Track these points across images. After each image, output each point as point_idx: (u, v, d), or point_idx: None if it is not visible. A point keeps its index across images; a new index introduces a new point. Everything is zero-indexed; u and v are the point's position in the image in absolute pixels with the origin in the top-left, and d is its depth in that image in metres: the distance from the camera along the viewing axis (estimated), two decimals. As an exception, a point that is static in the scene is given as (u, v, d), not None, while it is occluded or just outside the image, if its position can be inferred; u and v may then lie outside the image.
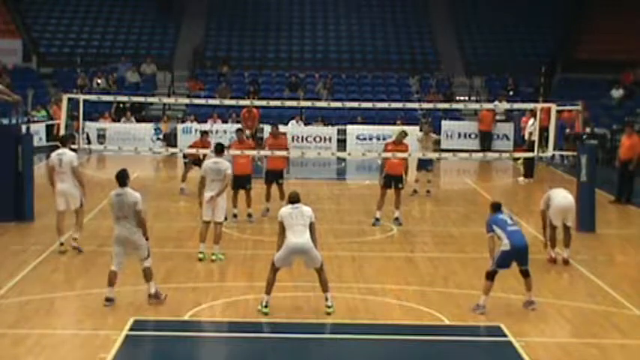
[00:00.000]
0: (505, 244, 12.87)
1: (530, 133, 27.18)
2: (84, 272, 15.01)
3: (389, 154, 19.43)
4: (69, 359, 10.99)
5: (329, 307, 12.76)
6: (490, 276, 12.92)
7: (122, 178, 13.24)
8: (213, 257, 15.93)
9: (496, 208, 13.47)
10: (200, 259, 15.83)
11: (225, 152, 17.51)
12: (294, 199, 12.94)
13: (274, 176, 20.25)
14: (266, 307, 12.62)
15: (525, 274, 13.10)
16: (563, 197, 15.76)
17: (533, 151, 24.09)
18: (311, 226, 12.74)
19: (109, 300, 12.85)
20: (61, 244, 16.39)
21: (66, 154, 16.60)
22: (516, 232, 13.15)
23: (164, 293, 13.04)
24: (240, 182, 19.27)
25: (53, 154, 16.76)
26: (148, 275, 12.92)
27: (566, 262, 15.63)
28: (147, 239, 13.04)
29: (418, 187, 23.80)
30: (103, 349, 11.13)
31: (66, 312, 12.76)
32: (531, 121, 27.43)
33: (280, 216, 12.80)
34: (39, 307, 12.91)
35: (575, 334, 12.33)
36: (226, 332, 12.46)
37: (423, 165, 23.61)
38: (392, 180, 19.40)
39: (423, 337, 12.22)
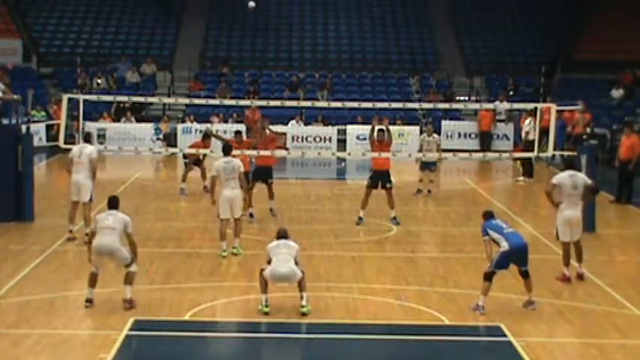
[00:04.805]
0: (504, 246, 12.86)
1: (527, 133, 27.39)
2: (84, 272, 14.96)
3: (375, 154, 19.51)
4: (69, 359, 11.00)
5: (303, 306, 12.64)
6: (488, 277, 12.92)
7: (113, 202, 13.26)
8: (234, 251, 16.16)
9: (488, 215, 13.45)
10: (224, 257, 15.95)
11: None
12: (282, 235, 12.96)
13: (263, 174, 19.83)
14: (267, 306, 12.62)
15: (525, 275, 13.09)
16: (570, 209, 14.90)
17: (530, 150, 24.19)
18: (295, 260, 12.69)
19: (89, 301, 12.87)
20: (70, 231, 17.19)
21: (87, 147, 17.49)
22: (514, 233, 13.16)
23: (136, 300, 12.89)
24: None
25: (75, 147, 17.66)
26: (129, 279, 12.80)
27: (580, 277, 15.00)
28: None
29: (422, 186, 23.87)
30: (103, 349, 11.13)
31: (66, 312, 12.74)
32: (527, 120, 27.62)
33: (267, 248, 12.88)
34: (39, 307, 12.91)
35: (575, 334, 12.33)
36: (226, 332, 12.47)
37: (427, 165, 23.71)
38: (379, 179, 19.41)
39: (423, 337, 12.22)
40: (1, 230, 18.04)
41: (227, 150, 16.76)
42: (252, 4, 29.80)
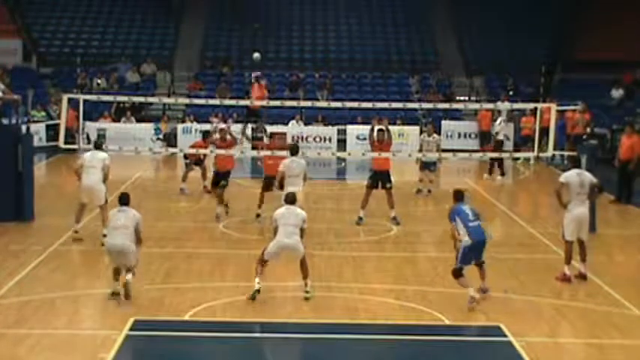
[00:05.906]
0: (466, 240, 12.99)
1: (497, 133, 28.39)
2: (84, 272, 15.01)
3: (375, 154, 19.54)
4: (69, 359, 11.00)
5: (307, 292, 13.32)
6: (457, 273, 13.11)
7: (124, 199, 13.77)
8: None
9: (459, 197, 13.54)
10: None
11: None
12: (290, 200, 13.74)
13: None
14: (258, 283, 13.13)
15: (480, 265, 13.47)
16: (578, 207, 14.99)
17: (499, 151, 25.58)
18: (302, 232, 13.34)
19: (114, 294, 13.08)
20: (75, 231, 17.22)
21: (100, 152, 17.57)
22: (477, 227, 13.23)
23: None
24: (223, 177, 19.95)
25: (87, 154, 17.62)
26: (127, 289, 13.03)
27: (583, 277, 15.02)
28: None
29: (422, 186, 23.88)
30: (103, 349, 11.13)
31: (66, 312, 12.75)
32: (498, 120, 29.18)
33: (274, 215, 13.54)
34: (39, 307, 12.91)
35: (575, 334, 12.33)
36: (226, 332, 12.46)
37: (427, 165, 23.76)
38: (379, 179, 19.44)
39: (423, 337, 12.22)
40: (1, 230, 18.03)
41: (294, 150, 17.95)
42: (257, 55, 29.84)
